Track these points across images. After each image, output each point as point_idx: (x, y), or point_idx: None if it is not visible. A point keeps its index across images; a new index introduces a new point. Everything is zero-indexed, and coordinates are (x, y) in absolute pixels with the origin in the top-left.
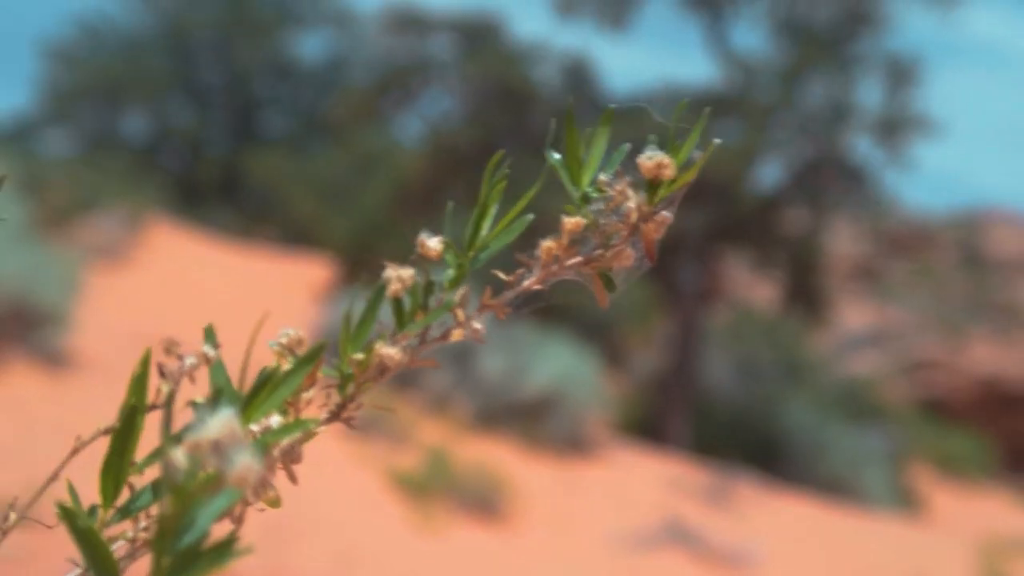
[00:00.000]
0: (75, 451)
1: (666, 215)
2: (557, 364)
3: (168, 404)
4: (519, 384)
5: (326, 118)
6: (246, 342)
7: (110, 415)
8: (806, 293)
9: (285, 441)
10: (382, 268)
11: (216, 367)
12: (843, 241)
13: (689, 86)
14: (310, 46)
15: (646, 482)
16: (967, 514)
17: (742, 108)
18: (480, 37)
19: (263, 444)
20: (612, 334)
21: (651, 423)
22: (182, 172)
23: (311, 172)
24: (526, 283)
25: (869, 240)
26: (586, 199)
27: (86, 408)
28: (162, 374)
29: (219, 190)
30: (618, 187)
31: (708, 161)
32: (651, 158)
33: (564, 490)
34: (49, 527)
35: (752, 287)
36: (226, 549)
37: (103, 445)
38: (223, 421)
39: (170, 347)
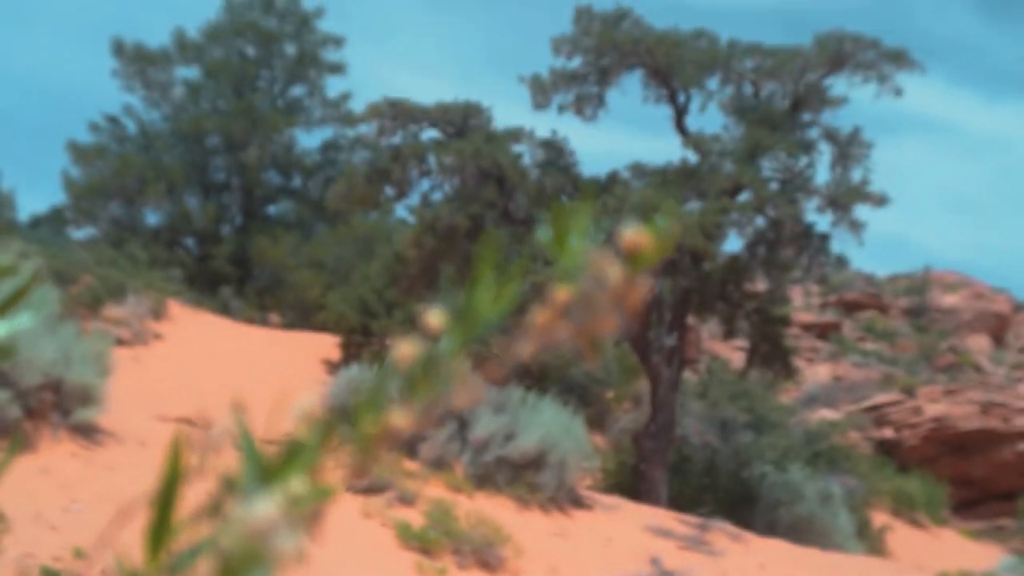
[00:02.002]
0: (119, 518)
1: (646, 283)
2: (546, 424)
3: (215, 483)
4: (512, 443)
5: (327, 205)
6: (262, 411)
7: (140, 483)
8: (770, 352)
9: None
10: (384, 341)
11: (247, 441)
12: (801, 303)
13: (655, 164)
14: (311, 139)
15: (630, 530)
16: (922, 550)
17: (703, 184)
18: (464, 126)
19: (296, 514)
20: (595, 395)
21: (633, 475)
22: (198, 258)
23: (315, 254)
24: (520, 351)
25: (825, 302)
26: (572, 271)
27: (118, 477)
28: (193, 447)
29: (232, 275)
30: (601, 259)
31: (679, 233)
32: (631, 232)
33: (555, 539)
34: None
35: (722, 347)
36: None
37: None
38: (265, 501)
39: (200, 423)
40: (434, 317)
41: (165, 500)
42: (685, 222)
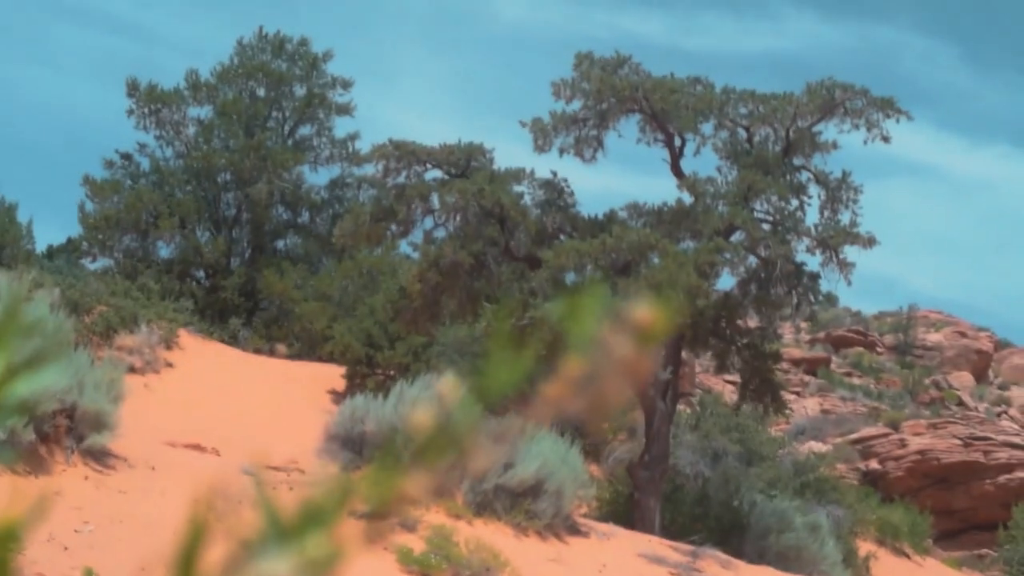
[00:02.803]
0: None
1: (652, 358)
2: (543, 453)
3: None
4: (511, 472)
5: (333, 240)
6: (270, 441)
7: (150, 506)
8: (761, 386)
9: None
10: (387, 372)
11: (266, 501)
12: (791, 339)
13: (652, 204)
14: (319, 176)
15: (624, 557)
16: None
17: (698, 224)
18: (467, 166)
19: (312, 574)
20: (591, 426)
21: (627, 504)
22: (208, 289)
23: (322, 287)
24: (532, 416)
25: (813, 338)
26: (585, 346)
27: (129, 500)
28: (213, 505)
29: (241, 305)
30: (612, 335)
31: (670, 272)
32: (642, 309)
33: (552, 565)
34: None
35: (714, 381)
36: None
37: (142, 545)
38: (279, 559)
39: (220, 491)
40: (448, 385)
41: (187, 558)
42: (678, 259)
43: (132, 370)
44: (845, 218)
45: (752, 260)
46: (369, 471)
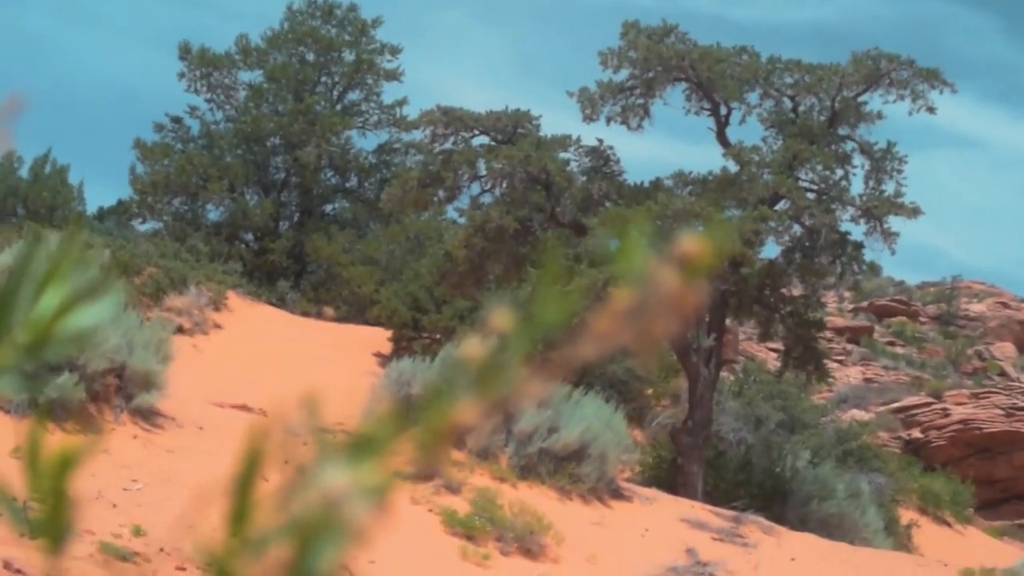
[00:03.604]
0: (198, 500)
1: (701, 290)
2: (588, 418)
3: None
4: (555, 436)
5: (381, 205)
6: (322, 398)
7: (198, 466)
8: (804, 354)
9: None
10: (433, 336)
11: (319, 431)
12: (834, 308)
13: (697, 173)
14: (367, 141)
15: (666, 521)
16: (948, 546)
17: (743, 192)
18: (514, 133)
19: (372, 496)
20: (635, 391)
21: (669, 469)
22: (256, 252)
23: (368, 251)
24: (580, 352)
25: (857, 307)
26: (632, 277)
27: (176, 460)
28: (274, 433)
29: (289, 269)
30: (660, 266)
31: (719, 239)
32: (688, 240)
33: (595, 528)
34: (182, 569)
35: (757, 349)
36: None
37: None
38: (338, 472)
39: (282, 414)
40: (500, 317)
41: (244, 484)
42: (726, 226)
43: (181, 331)
44: (890, 188)
45: (797, 229)
46: (423, 402)
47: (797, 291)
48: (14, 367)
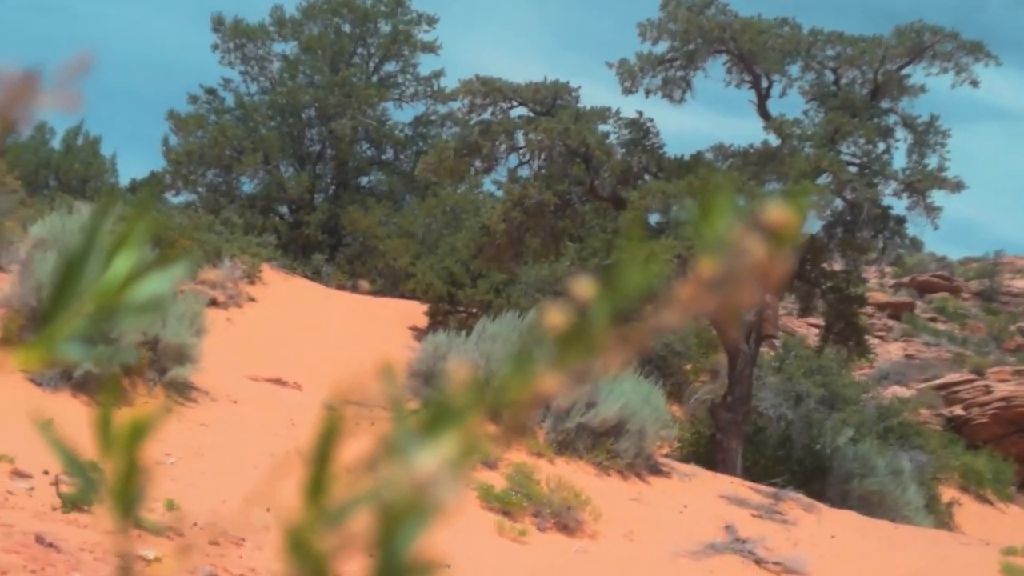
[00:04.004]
0: (272, 471)
1: (787, 259)
2: (626, 393)
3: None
4: (593, 411)
5: (417, 177)
6: (352, 374)
7: (231, 439)
8: (845, 329)
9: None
10: (469, 310)
11: (398, 402)
12: (875, 283)
13: (738, 146)
14: (403, 113)
15: (705, 498)
16: (989, 525)
17: (784, 166)
18: (553, 104)
19: (456, 469)
20: (674, 367)
21: (708, 445)
22: (292, 225)
23: (404, 225)
24: (663, 321)
25: (898, 282)
26: (717, 246)
27: (210, 433)
28: (351, 402)
29: (324, 242)
30: (746, 235)
31: (804, 206)
32: (776, 209)
33: (633, 504)
34: (216, 544)
35: (798, 324)
36: (427, 568)
37: (248, 466)
38: (432, 454)
39: (360, 380)
40: (583, 285)
41: (323, 454)
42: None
43: (215, 304)
44: (932, 162)
45: (838, 203)
46: (504, 370)
47: (838, 266)
48: (83, 334)
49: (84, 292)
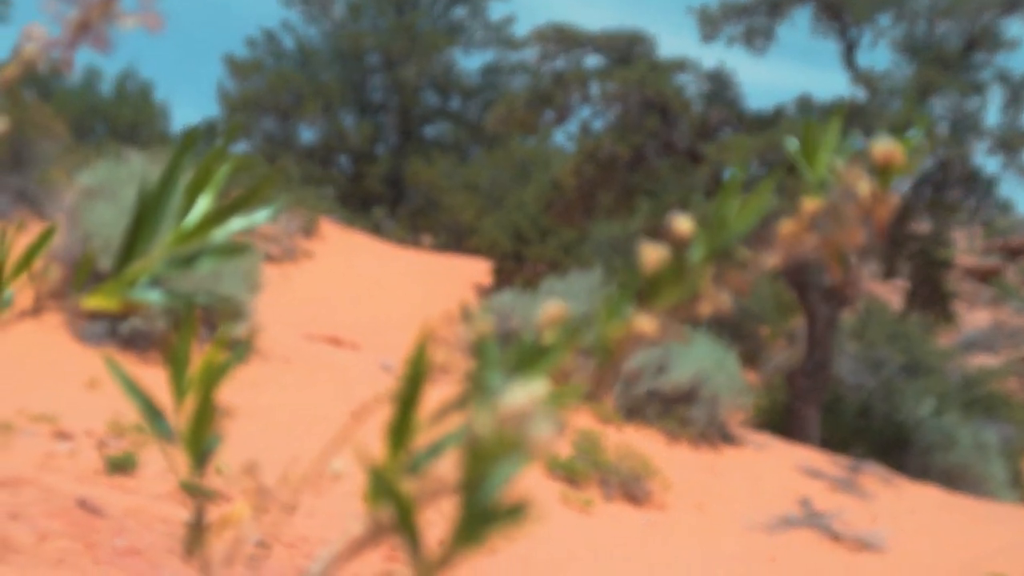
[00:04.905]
0: (356, 416)
1: (894, 198)
2: (699, 358)
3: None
4: (664, 376)
5: (484, 128)
6: (417, 331)
7: (283, 399)
8: (929, 295)
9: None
10: (536, 268)
11: (488, 341)
12: (963, 246)
13: (821, 100)
14: (471, 61)
15: (780, 469)
16: None
17: (870, 122)
18: (627, 54)
19: (552, 412)
20: (749, 330)
21: (784, 414)
22: (352, 178)
23: (469, 178)
24: (768, 260)
25: (988, 246)
26: (822, 184)
27: (262, 394)
28: (441, 344)
29: (385, 195)
30: (851, 172)
31: (915, 142)
32: (883, 145)
33: (704, 474)
34: (320, 489)
35: (880, 288)
36: (520, 510)
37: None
38: (523, 391)
39: (449, 321)
40: (682, 223)
41: (408, 396)
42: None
43: (269, 259)
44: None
45: (927, 161)
46: (600, 310)
47: (925, 227)
48: (163, 273)
49: (161, 233)
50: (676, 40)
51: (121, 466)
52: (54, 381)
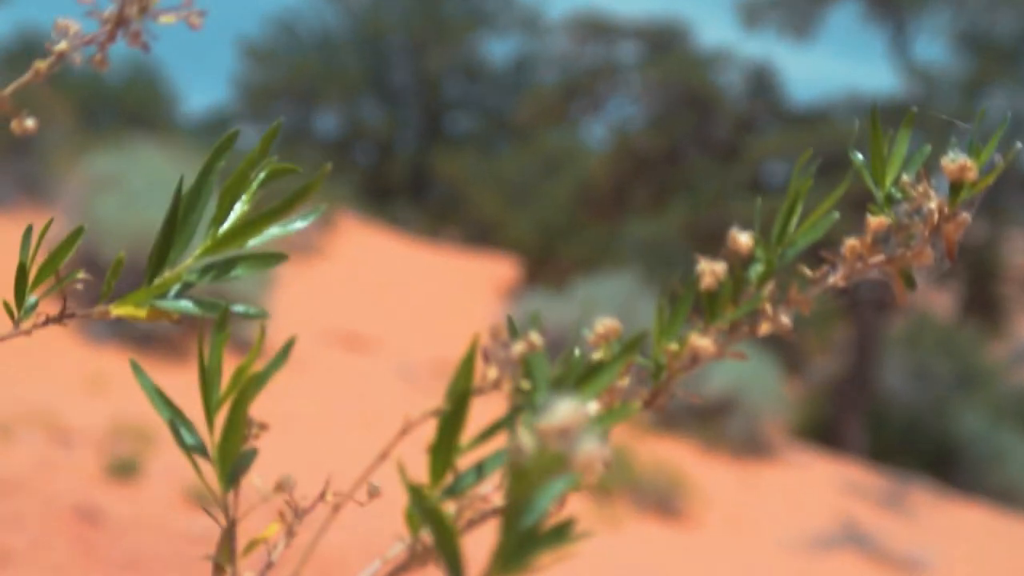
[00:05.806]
0: (403, 432)
1: (966, 216)
2: (736, 368)
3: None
4: (698, 386)
5: (512, 119)
6: (431, 339)
7: (295, 404)
8: (983, 302)
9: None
10: (565, 266)
11: (538, 356)
12: (1019, 251)
13: (870, 95)
14: (498, 49)
15: (821, 484)
16: None
17: (923, 118)
18: (665, 43)
19: (596, 428)
20: (792, 339)
21: (827, 427)
22: (372, 169)
23: (496, 171)
24: (831, 279)
25: None
26: (889, 199)
27: (271, 399)
28: (487, 359)
29: (407, 188)
30: (920, 188)
31: (988, 156)
32: (955, 160)
33: (741, 490)
34: (361, 503)
35: (929, 295)
36: (565, 532)
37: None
38: (571, 408)
39: (496, 334)
40: (741, 238)
41: (454, 416)
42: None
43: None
44: None
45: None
46: (654, 326)
47: (978, 232)
48: (195, 282)
49: (193, 240)
50: (714, 27)
51: (122, 471)
52: (54, 379)
